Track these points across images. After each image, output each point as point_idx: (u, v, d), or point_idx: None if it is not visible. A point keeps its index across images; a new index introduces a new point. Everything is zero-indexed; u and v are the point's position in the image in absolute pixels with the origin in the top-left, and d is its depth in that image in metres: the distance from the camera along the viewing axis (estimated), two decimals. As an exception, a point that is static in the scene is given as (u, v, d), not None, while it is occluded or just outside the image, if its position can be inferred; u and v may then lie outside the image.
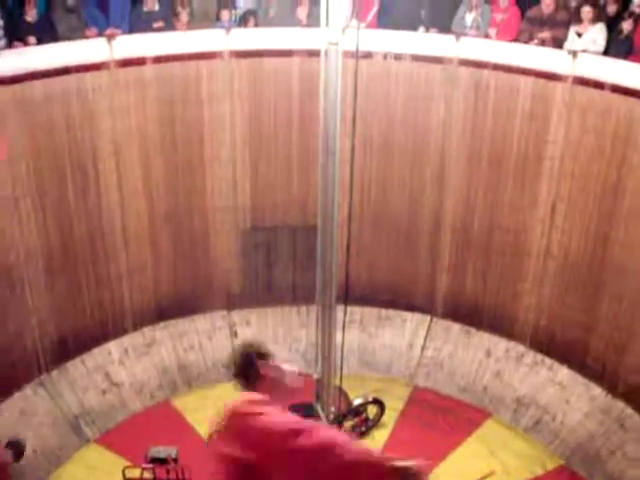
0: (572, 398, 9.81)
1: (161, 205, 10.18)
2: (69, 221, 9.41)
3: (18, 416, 9.22)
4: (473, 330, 10.81)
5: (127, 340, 10.49)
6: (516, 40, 9.71)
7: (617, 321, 9.30)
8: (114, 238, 9.92)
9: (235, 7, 10.52)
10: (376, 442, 9.81)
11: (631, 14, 9.34)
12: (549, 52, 9.24)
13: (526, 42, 9.57)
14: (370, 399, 9.93)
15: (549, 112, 9.18)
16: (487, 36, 9.92)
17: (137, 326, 10.57)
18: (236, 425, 3.71)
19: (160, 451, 8.43)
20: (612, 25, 9.33)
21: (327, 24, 5.22)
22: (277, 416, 3.66)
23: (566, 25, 9.50)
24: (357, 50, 5.26)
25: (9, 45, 8.86)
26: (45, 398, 9.58)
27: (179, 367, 10.69)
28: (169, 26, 9.83)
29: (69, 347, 9.92)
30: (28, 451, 8.90)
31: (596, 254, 9.34)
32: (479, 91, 9.70)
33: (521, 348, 10.44)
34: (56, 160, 9.06)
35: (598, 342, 9.54)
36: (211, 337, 10.96)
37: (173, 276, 10.66)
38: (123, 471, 8.29)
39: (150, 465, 8.33)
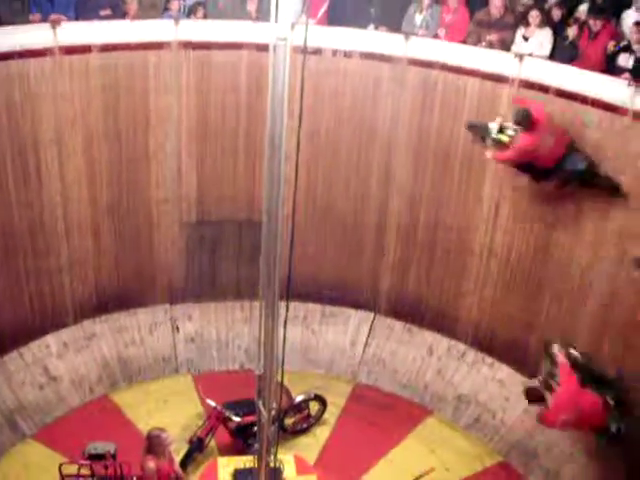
0: (512, 396, 9.96)
1: (104, 196, 10.01)
2: (9, 210, 9.20)
3: (-50, 410, 9.00)
4: (415, 328, 10.91)
5: (67, 333, 10.30)
6: (464, 41, 9.80)
7: (557, 320, 9.48)
8: (55, 228, 9.73)
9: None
10: (318, 438, 9.84)
11: (576, 20, 9.52)
12: (496, 54, 9.35)
13: (474, 44, 9.67)
14: (312, 396, 9.94)
15: (495, 113, 9.27)
16: (436, 36, 9.99)
17: (77, 319, 10.39)
18: None
19: (98, 447, 8.27)
20: (558, 30, 9.50)
21: (276, 19, 5.17)
22: None
23: (513, 28, 9.65)
24: (305, 46, 5.22)
25: (-52, 28, 8.61)
26: (-21, 392, 9.37)
27: (120, 361, 10.54)
28: (117, 14, 9.65)
29: (6, 340, 9.69)
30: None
31: (537, 254, 9.50)
32: (427, 90, 9.77)
33: (462, 346, 10.57)
34: (-5, 147, 8.84)
35: (538, 341, 9.67)
36: (152, 331, 10.83)
37: (115, 269, 10.49)
38: (60, 467, 8.12)
39: (87, 461, 8.18)
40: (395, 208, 10.49)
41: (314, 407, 9.99)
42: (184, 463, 8.94)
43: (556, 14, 9.72)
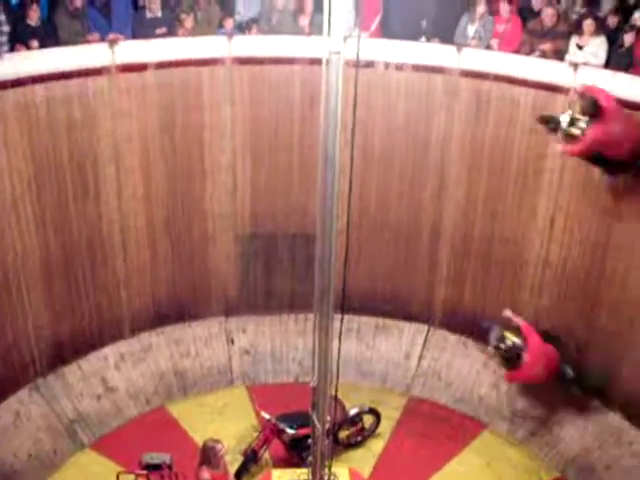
0: (569, 410, 9.78)
1: (160, 210, 10.18)
2: (68, 225, 9.41)
3: (13, 420, 9.21)
4: (470, 341, 10.80)
5: (124, 345, 10.49)
6: (517, 51, 9.73)
7: (614, 332, 9.29)
8: (113, 242, 9.92)
9: (238, 15, 10.51)
10: (372, 452, 9.80)
11: (632, 27, 9.36)
12: (550, 64, 9.25)
13: (527, 54, 9.58)
14: (366, 409, 9.91)
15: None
16: (489, 47, 9.93)
17: (134, 331, 10.57)
18: None
19: (154, 457, 8.39)
20: (613, 38, 9.35)
21: (329, 33, 5.21)
22: None
23: (567, 37, 9.52)
24: (357, 59, 5.25)
25: (12, 49, 8.87)
26: (40, 402, 9.57)
27: (175, 373, 10.67)
28: (172, 32, 9.84)
29: (65, 351, 9.92)
30: (23, 456, 8.92)
31: (594, 265, 9.34)
32: (480, 102, 9.70)
33: (518, 360, 10.42)
34: (56, 164, 9.06)
35: (595, 353, 9.52)
36: (208, 344, 10.94)
37: (171, 282, 10.65)
38: (117, 477, 8.26)
39: (144, 471, 8.29)
40: (449, 220, 10.42)
41: (368, 420, 9.96)
42: (238, 475, 9.00)
43: (611, 21, 9.58)
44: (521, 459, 9.78)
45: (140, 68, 9.41)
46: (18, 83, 8.47)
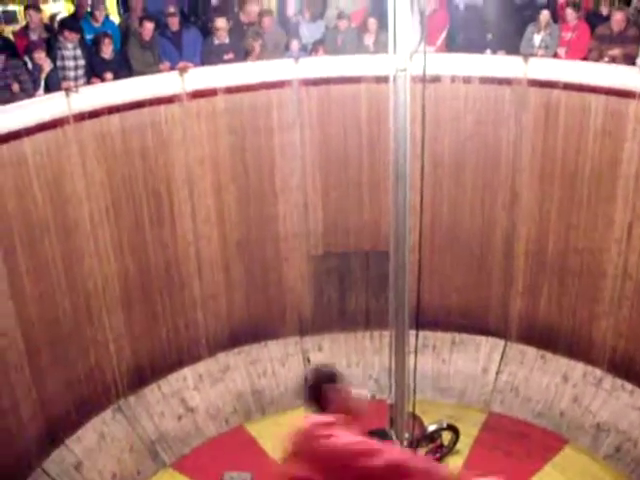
0: (656, 424, 9.51)
1: (234, 232, 10.35)
2: (145, 249, 9.66)
3: (97, 440, 9.44)
4: (549, 354, 10.59)
5: (202, 366, 10.65)
6: (586, 58, 9.59)
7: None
8: (188, 265, 10.12)
9: (303, 37, 10.67)
10: (450, 469, 9.66)
11: None
12: (620, 69, 9.09)
13: (596, 60, 9.44)
14: (444, 425, 9.80)
15: (623, 130, 9.01)
16: (556, 55, 9.82)
17: (212, 352, 10.72)
18: (305, 447, 3.71)
19: (234, 477, 8.51)
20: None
21: (395, 50, 5.26)
22: (346, 437, 3.65)
23: (637, 41, 9.34)
24: (424, 75, 5.28)
25: (88, 82, 9.21)
26: (123, 423, 9.79)
27: (253, 393, 10.77)
28: (239, 57, 10.04)
29: (145, 373, 10.13)
30: (107, 476, 9.12)
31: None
32: (549, 111, 9.58)
33: (599, 372, 10.15)
34: (132, 190, 9.34)
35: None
36: (284, 363, 11.02)
37: (246, 302, 10.78)
38: (200, 496, 8.38)
39: (226, 490, 8.40)
40: (523, 232, 10.28)
41: (447, 437, 9.85)
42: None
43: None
44: (605, 476, 9.49)
45: (210, 94, 9.63)
46: (95, 114, 8.78)
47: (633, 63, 9.18)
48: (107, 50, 9.38)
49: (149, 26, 9.69)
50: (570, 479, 9.39)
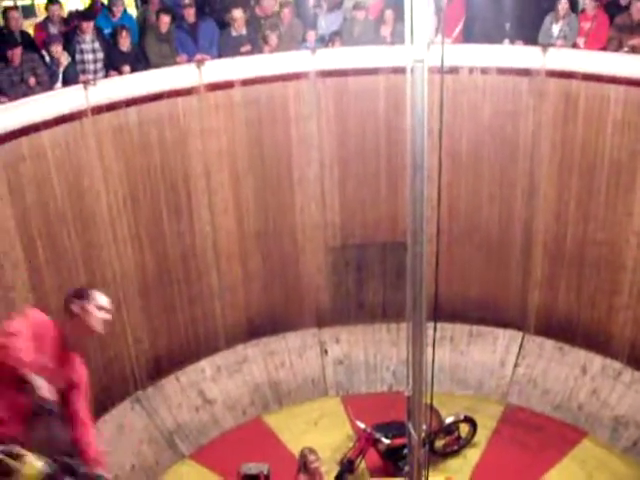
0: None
1: (251, 224, 10.37)
2: (163, 240, 9.70)
3: (116, 431, 9.50)
4: (567, 346, 10.54)
5: (220, 357, 10.69)
6: (605, 48, 9.49)
7: None
8: (206, 257, 10.16)
9: (320, 28, 10.63)
10: (468, 461, 9.67)
11: None
12: (640, 59, 9.00)
13: (615, 50, 9.34)
14: (462, 417, 9.79)
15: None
16: (575, 45, 9.72)
17: (229, 343, 10.76)
18: None
19: (252, 467, 8.52)
20: None
21: (412, 41, 5.22)
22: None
23: (657, 31, 9.24)
24: (442, 66, 5.23)
25: (106, 75, 9.24)
26: (141, 414, 9.86)
27: (270, 384, 10.81)
28: (256, 49, 10.03)
29: (163, 364, 10.19)
30: (127, 466, 9.18)
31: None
32: (568, 101, 9.51)
33: (618, 365, 10.10)
34: (150, 182, 9.38)
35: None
36: (301, 355, 11.04)
37: (264, 294, 10.81)
38: (217, 486, 8.42)
39: (243, 481, 8.43)
40: (541, 224, 10.22)
41: (464, 429, 9.84)
42: (336, 484, 9.04)
43: None
44: (624, 469, 9.45)
45: (227, 86, 9.65)
46: (112, 107, 8.83)
47: (654, 52, 9.09)
48: (125, 43, 9.39)
49: (166, 19, 9.70)
50: (588, 472, 9.36)
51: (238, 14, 9.96)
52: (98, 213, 8.96)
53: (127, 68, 9.30)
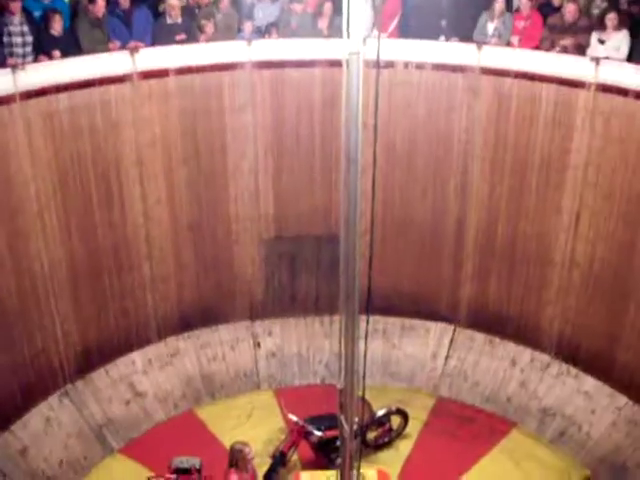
0: (598, 408, 9.71)
1: (184, 215, 10.24)
2: (93, 231, 9.50)
3: (44, 426, 9.30)
4: (497, 339, 10.74)
5: (151, 350, 10.55)
6: (538, 48, 9.66)
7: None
8: (138, 248, 10.00)
9: (256, 19, 10.55)
10: (400, 452, 9.77)
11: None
12: (571, 59, 9.19)
13: (548, 50, 9.52)
14: (394, 409, 9.88)
15: (572, 120, 9.14)
16: (509, 44, 9.88)
17: (161, 336, 10.62)
18: None
19: (183, 461, 8.43)
20: (635, 31, 9.25)
21: (348, 35, 5.21)
22: None
23: (588, 32, 9.44)
24: (378, 59, 5.24)
25: (35, 59, 8.97)
26: (70, 408, 9.66)
27: (203, 377, 10.72)
28: (191, 38, 9.89)
29: (93, 357, 9.99)
30: (54, 462, 8.99)
31: (621, 263, 9.25)
32: (501, 99, 9.67)
33: (546, 358, 10.35)
34: (80, 171, 9.16)
35: (624, 352, 9.44)
36: (234, 347, 10.98)
37: (196, 286, 10.70)
38: (147, 481, 8.31)
39: (173, 475, 8.33)
40: (473, 219, 10.38)
41: (396, 421, 9.93)
42: (267, 477, 9.01)
43: (635, 10, 9.46)
44: (551, 458, 9.69)
45: (161, 74, 9.49)
46: (42, 92, 8.58)
47: (584, 53, 9.28)
48: (57, 27, 9.12)
49: (100, 3, 9.45)
50: (517, 462, 9.57)
51: (174, 2, 9.81)
52: (26, 201, 8.71)
53: (58, 53, 9.04)
